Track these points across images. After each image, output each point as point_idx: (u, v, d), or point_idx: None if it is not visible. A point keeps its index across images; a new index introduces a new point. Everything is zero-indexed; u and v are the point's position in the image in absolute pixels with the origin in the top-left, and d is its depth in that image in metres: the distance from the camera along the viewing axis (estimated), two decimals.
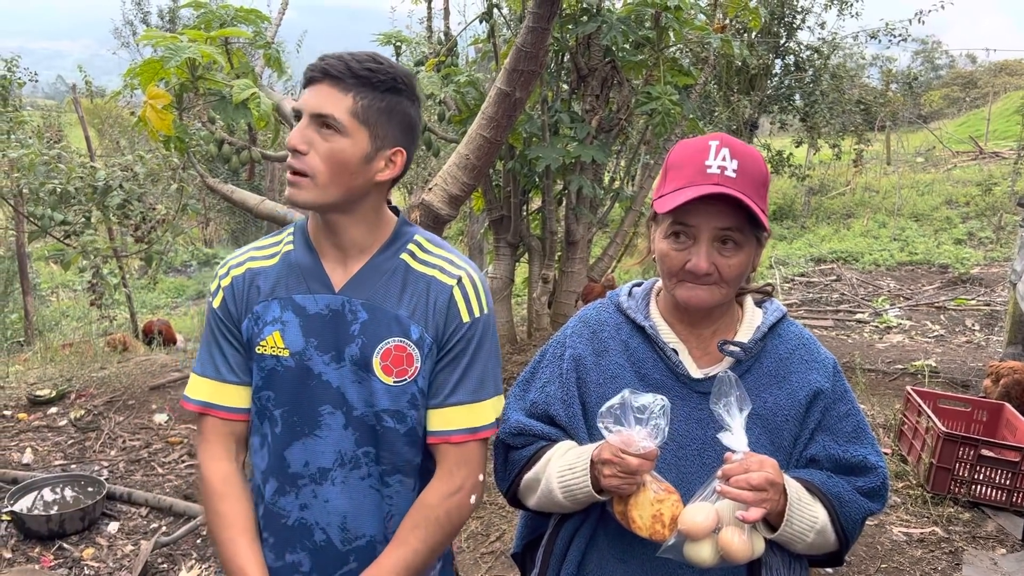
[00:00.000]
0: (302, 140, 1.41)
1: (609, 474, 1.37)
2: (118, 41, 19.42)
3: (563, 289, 5.68)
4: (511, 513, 3.86)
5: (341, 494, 1.52)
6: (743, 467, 1.33)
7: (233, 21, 4.16)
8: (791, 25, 13.21)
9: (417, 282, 1.52)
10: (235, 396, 1.55)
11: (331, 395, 1.49)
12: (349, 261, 1.52)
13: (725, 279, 1.43)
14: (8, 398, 5.49)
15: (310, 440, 1.51)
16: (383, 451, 1.52)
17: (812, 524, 1.42)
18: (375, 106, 1.42)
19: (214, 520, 1.53)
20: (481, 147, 3.89)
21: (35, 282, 11.41)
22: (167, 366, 6.15)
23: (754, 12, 5.60)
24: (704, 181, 1.39)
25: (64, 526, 3.87)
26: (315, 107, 1.40)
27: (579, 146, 4.94)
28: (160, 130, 3.79)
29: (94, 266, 6.67)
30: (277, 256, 1.56)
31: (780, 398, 1.49)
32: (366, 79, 1.41)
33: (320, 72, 1.41)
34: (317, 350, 1.49)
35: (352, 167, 1.43)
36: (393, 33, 5.31)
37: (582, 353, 1.58)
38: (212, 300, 1.58)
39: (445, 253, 1.57)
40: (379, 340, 1.48)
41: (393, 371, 1.49)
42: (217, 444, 1.56)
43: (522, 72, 3.72)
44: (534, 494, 1.55)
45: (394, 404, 1.50)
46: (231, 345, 1.55)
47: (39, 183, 6.05)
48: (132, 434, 5.02)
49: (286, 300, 1.51)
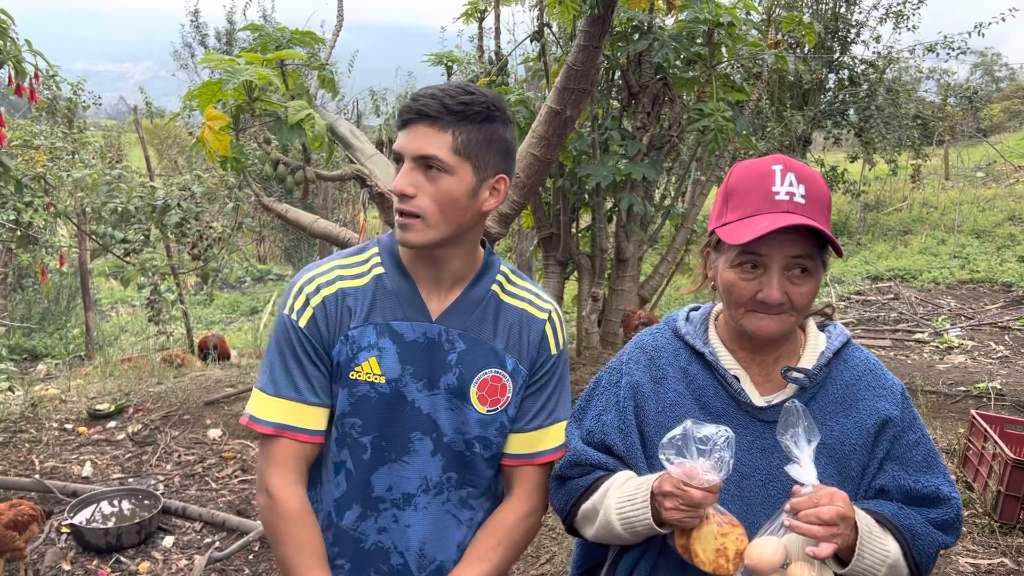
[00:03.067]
0: (409, 183, 1.41)
1: (671, 507, 1.33)
2: (177, 63, 19.96)
3: (612, 307, 5.63)
4: (560, 535, 3.82)
5: (423, 519, 1.54)
6: (812, 501, 1.28)
7: (289, 43, 4.25)
8: (845, 39, 13.00)
9: (509, 314, 1.55)
10: (314, 418, 1.51)
11: (422, 422, 1.50)
12: (444, 289, 1.52)
13: (796, 307, 1.39)
14: (69, 412, 5.64)
15: (396, 465, 1.52)
16: (467, 475, 1.55)
17: (884, 558, 1.36)
18: (474, 139, 1.42)
19: (290, 547, 1.48)
20: (531, 165, 3.89)
21: (96, 298, 11.74)
22: (221, 381, 6.25)
23: (808, 27, 5.51)
24: (774, 208, 1.35)
25: (121, 539, 3.94)
26: (417, 149, 1.40)
27: (629, 163, 4.91)
28: (217, 150, 3.87)
29: (152, 283, 6.84)
30: (366, 277, 1.53)
31: (847, 426, 1.44)
32: (462, 113, 1.40)
33: (415, 113, 1.40)
34: (412, 377, 1.49)
35: (461, 203, 1.43)
36: (444, 53, 5.36)
37: (639, 381, 1.54)
38: (293, 316, 1.50)
39: (530, 286, 1.62)
40: (477, 370, 1.51)
41: (488, 400, 1.52)
42: (291, 468, 1.50)
43: (573, 90, 3.72)
44: (592, 525, 1.52)
45: (484, 431, 1.53)
46: (315, 366, 1.50)
47: (101, 202, 6.23)
48: (187, 448, 5.10)
49: (383, 326, 1.49)
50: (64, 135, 7.15)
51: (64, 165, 6.28)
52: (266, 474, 1.50)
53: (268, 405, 1.50)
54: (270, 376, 1.51)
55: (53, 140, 6.46)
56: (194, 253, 6.71)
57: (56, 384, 6.73)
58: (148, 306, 7.35)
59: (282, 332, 1.51)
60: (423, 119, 1.39)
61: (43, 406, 5.65)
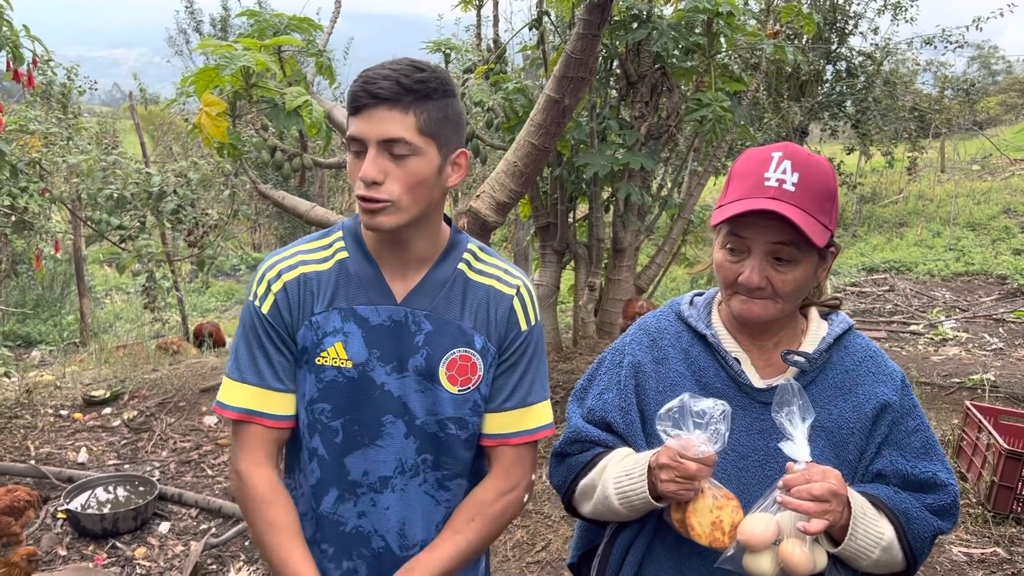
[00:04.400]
0: (379, 170, 1.37)
1: (667, 479, 1.35)
2: (172, 50, 19.85)
3: (609, 297, 5.64)
4: (557, 523, 3.83)
5: (400, 501, 1.53)
6: (805, 477, 1.30)
7: (286, 30, 4.22)
8: (843, 31, 12.97)
9: (476, 291, 1.53)
10: (281, 403, 1.51)
11: (393, 405, 1.50)
12: (409, 271, 1.51)
13: (779, 294, 1.40)
14: (64, 398, 5.63)
15: (371, 449, 1.51)
16: (443, 457, 1.54)
17: (878, 540, 1.38)
18: (435, 116, 1.40)
19: (263, 527, 1.49)
20: (529, 154, 3.88)
21: (90, 285, 11.70)
22: (216, 368, 6.25)
23: (808, 18, 5.50)
24: (760, 194, 1.36)
25: (117, 525, 3.95)
26: (381, 134, 1.36)
27: (627, 153, 4.90)
28: (214, 136, 3.85)
29: (148, 270, 6.83)
30: (330, 262, 1.52)
31: (846, 410, 1.46)
32: (421, 92, 1.37)
33: (372, 97, 1.36)
34: (380, 361, 1.48)
35: (430, 182, 1.42)
36: (443, 41, 5.34)
37: (641, 361, 1.56)
38: (257, 303, 1.50)
39: (498, 262, 1.59)
40: (444, 351, 1.49)
41: (458, 380, 1.51)
42: (260, 450, 1.51)
43: (571, 79, 3.71)
44: (589, 501, 1.54)
45: (457, 412, 1.52)
46: (279, 352, 1.50)
47: (96, 188, 6.21)
48: (183, 436, 5.10)
49: (347, 311, 1.48)
50: (59, 121, 7.11)
51: (59, 151, 6.26)
52: (235, 457, 1.52)
53: (234, 391, 1.51)
54: (236, 363, 1.52)
55: (48, 126, 6.43)
56: (190, 240, 6.69)
57: (51, 371, 6.72)
58: (144, 293, 7.35)
59: (247, 319, 1.52)
60: (382, 103, 1.36)
61: (38, 392, 5.64)
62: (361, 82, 1.38)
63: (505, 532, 3.48)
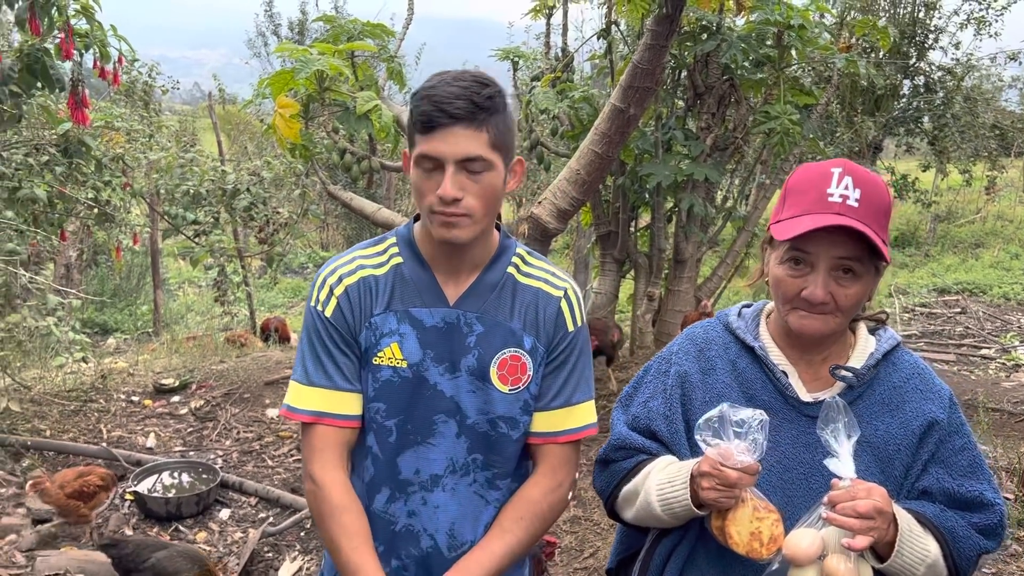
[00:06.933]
0: (458, 188, 1.42)
1: (707, 486, 1.37)
2: (251, 52, 20.42)
3: (668, 308, 5.61)
4: (605, 531, 3.84)
5: (451, 500, 1.57)
6: (850, 494, 1.30)
7: (360, 35, 4.34)
8: (923, 45, 12.64)
9: (525, 294, 1.58)
10: (350, 403, 1.56)
11: (445, 404, 1.55)
12: (461, 275, 1.57)
13: (841, 308, 1.41)
14: (136, 385, 5.86)
15: (423, 448, 1.56)
16: (493, 456, 1.58)
17: (923, 557, 1.37)
18: (502, 130, 1.45)
19: (337, 531, 1.52)
20: (592, 162, 3.91)
21: (164, 277, 12.13)
22: (281, 363, 6.41)
23: (883, 31, 5.39)
24: (825, 210, 1.37)
25: (181, 509, 4.09)
26: (460, 153, 1.40)
27: (692, 164, 4.88)
28: (287, 137, 3.98)
29: (220, 264, 7.06)
30: (386, 266, 1.58)
31: (892, 427, 1.46)
32: (491, 108, 1.42)
33: (449, 117, 1.39)
34: (433, 361, 1.54)
35: (499, 193, 1.49)
36: (511, 49, 5.41)
37: (688, 370, 1.58)
38: (320, 308, 1.55)
39: (545, 266, 1.63)
40: (495, 351, 1.54)
41: (508, 380, 1.55)
42: (332, 453, 1.55)
43: (637, 89, 3.72)
44: (632, 507, 1.56)
45: (508, 411, 1.56)
46: (344, 354, 1.55)
47: (174, 184, 6.46)
48: (246, 426, 5.26)
49: (403, 313, 1.54)
50: (141, 118, 7.41)
51: (141, 147, 6.52)
52: (309, 462, 1.56)
53: (304, 394, 1.56)
54: (302, 367, 1.57)
55: (132, 123, 6.71)
56: (261, 237, 6.90)
57: (124, 358, 7.00)
58: (215, 287, 7.58)
59: (311, 324, 1.57)
60: (458, 122, 1.39)
61: (112, 378, 5.88)
62: (433, 101, 1.40)
63: (553, 535, 3.50)
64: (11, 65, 3.87)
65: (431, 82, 1.44)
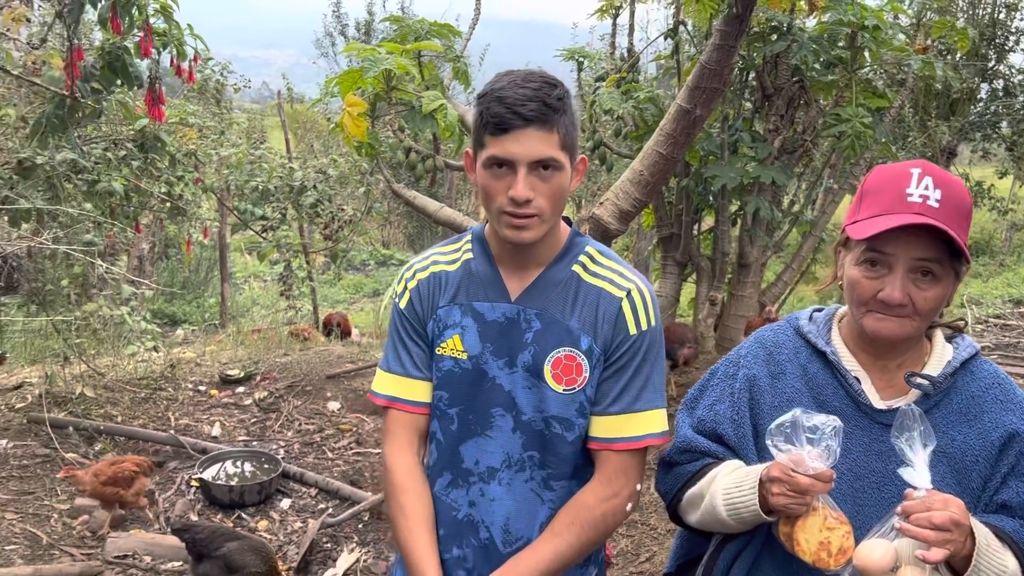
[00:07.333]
0: (529, 189, 1.43)
1: (778, 492, 1.34)
2: (318, 51, 20.78)
3: (731, 313, 5.53)
4: (662, 535, 3.80)
5: (506, 494, 1.58)
6: (925, 505, 1.26)
7: (427, 35, 4.38)
8: (1003, 47, 12.20)
9: (588, 293, 1.56)
10: (419, 390, 1.64)
11: (502, 398, 1.56)
12: (526, 271, 1.58)
13: (919, 312, 1.37)
14: (203, 375, 6.02)
15: (481, 439, 1.58)
16: (548, 455, 1.57)
17: (1000, 572, 1.33)
18: (570, 130, 1.47)
19: (395, 510, 1.61)
20: (656, 163, 3.87)
21: (231, 271, 12.43)
22: (343, 357, 6.52)
23: (962, 33, 5.22)
24: (905, 210, 1.34)
25: (244, 497, 4.19)
26: (533, 155, 1.41)
27: (758, 166, 4.80)
28: (354, 136, 4.04)
29: (286, 259, 7.21)
30: (457, 263, 1.64)
31: (970, 437, 1.41)
32: (561, 109, 1.43)
33: (522, 119, 1.40)
34: (492, 355, 1.56)
35: (567, 192, 1.50)
36: (576, 49, 5.40)
37: (757, 374, 1.55)
38: (398, 300, 1.66)
39: (615, 265, 1.60)
40: (550, 349, 1.54)
41: (563, 379, 1.54)
42: (401, 437, 1.64)
43: (704, 89, 3.67)
44: (696, 511, 1.54)
45: (563, 411, 1.55)
46: (415, 343, 1.64)
47: (244, 180, 6.63)
48: (307, 418, 5.36)
49: (466, 306, 1.59)
50: (213, 115, 7.61)
51: (212, 143, 6.70)
52: (383, 443, 1.68)
53: (382, 380, 1.68)
54: (385, 355, 1.70)
55: (205, 119, 6.90)
56: (326, 233, 7.02)
57: (192, 348, 7.19)
58: (280, 281, 7.74)
59: (393, 315, 1.69)
60: (531, 124, 1.40)
61: (180, 368, 6.05)
62: (505, 104, 1.41)
63: (609, 540, 3.49)
64: (93, 62, 4.01)
65: (499, 83, 1.45)
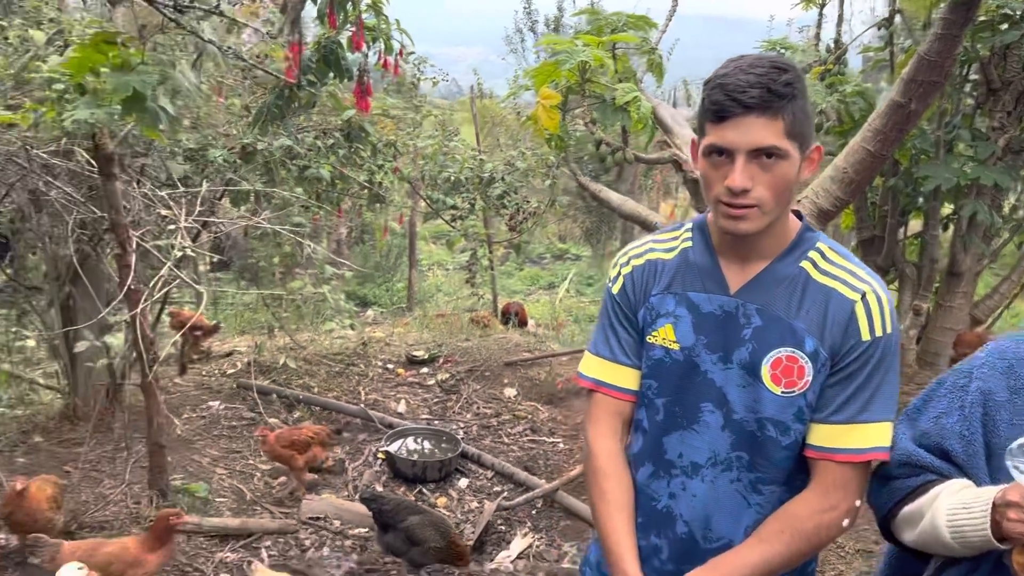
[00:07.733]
0: (748, 179, 1.38)
1: (1015, 518, 1.22)
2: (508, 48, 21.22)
3: (937, 324, 5.11)
4: (850, 556, 3.59)
5: (708, 492, 1.54)
6: None
7: (623, 27, 4.35)
8: None
9: (816, 293, 1.47)
10: (625, 377, 1.63)
11: (713, 393, 1.51)
12: (748, 264, 1.52)
13: None
14: (391, 354, 6.34)
15: (688, 433, 1.55)
16: (759, 458, 1.51)
17: None
18: (799, 117, 1.38)
19: (596, 495, 1.62)
20: (862, 161, 3.64)
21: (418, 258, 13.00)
22: (520, 346, 6.65)
23: None
24: None
25: (425, 473, 4.38)
26: (753, 143, 1.36)
27: (978, 167, 4.40)
28: (547, 128, 4.09)
29: (472, 248, 7.44)
30: (675, 251, 1.60)
31: None
32: (788, 95, 1.35)
33: (743, 106, 1.35)
34: (706, 348, 1.51)
35: (792, 184, 1.42)
36: (778, 40, 5.19)
37: (993, 388, 1.41)
38: (611, 285, 1.65)
39: (849, 264, 1.50)
40: (770, 348, 1.47)
41: (782, 381, 1.47)
42: (605, 422, 1.64)
43: (922, 83, 3.41)
44: (913, 530, 1.44)
45: (779, 414, 1.48)
46: (625, 329, 1.62)
47: (437, 171, 6.89)
48: (485, 402, 5.51)
49: (681, 296, 1.55)
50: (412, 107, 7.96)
51: (408, 135, 7.02)
52: (586, 427, 1.67)
53: (589, 362, 1.67)
54: (593, 338, 1.69)
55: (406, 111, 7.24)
56: (511, 224, 7.17)
57: (381, 329, 7.59)
58: (465, 269, 8.00)
59: (604, 299, 1.69)
60: (751, 111, 1.34)
61: (371, 346, 6.41)
62: (726, 90, 1.37)
63: None
64: (310, 56, 4.30)
65: (726, 68, 1.40)
